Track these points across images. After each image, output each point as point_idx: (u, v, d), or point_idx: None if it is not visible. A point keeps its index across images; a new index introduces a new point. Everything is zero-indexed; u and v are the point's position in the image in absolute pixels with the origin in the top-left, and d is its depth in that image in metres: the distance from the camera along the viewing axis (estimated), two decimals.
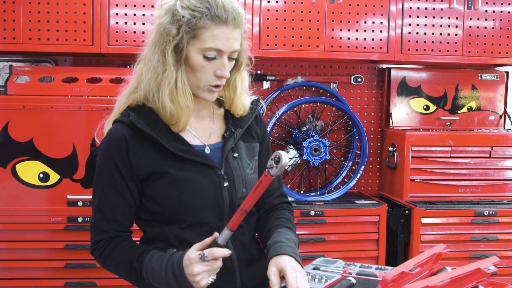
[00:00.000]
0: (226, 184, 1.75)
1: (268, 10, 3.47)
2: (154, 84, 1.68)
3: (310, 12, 3.50)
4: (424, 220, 3.44)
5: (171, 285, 1.59)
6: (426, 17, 3.64)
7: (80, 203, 3.07)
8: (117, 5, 3.32)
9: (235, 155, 1.80)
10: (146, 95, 1.72)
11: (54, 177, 3.05)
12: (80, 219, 3.08)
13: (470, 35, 3.69)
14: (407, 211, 3.48)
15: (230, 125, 1.84)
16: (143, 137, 1.69)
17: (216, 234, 1.59)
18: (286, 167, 1.43)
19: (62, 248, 3.08)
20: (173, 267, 1.58)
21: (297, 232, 3.22)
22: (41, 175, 3.04)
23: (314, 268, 1.84)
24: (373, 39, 3.59)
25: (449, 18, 3.67)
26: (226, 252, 1.55)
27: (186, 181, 1.69)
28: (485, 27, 3.70)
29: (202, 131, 1.81)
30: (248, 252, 1.81)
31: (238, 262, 1.77)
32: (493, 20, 3.72)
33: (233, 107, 1.84)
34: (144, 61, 1.74)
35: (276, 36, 3.49)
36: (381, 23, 3.60)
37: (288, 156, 1.44)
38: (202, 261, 1.53)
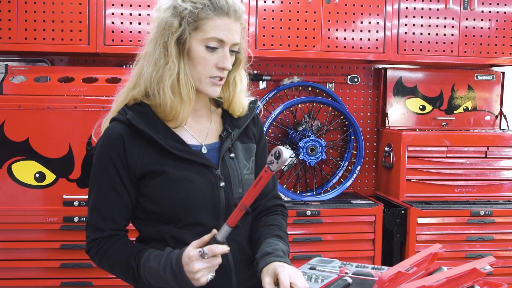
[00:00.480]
0: (222, 184, 1.75)
1: (265, 10, 3.47)
2: (156, 77, 1.69)
3: (306, 12, 3.49)
4: (420, 220, 3.43)
5: (169, 283, 1.59)
6: (422, 17, 3.65)
7: (76, 203, 3.06)
8: (113, 5, 3.31)
9: (232, 155, 1.80)
10: (146, 89, 1.73)
11: (50, 177, 3.05)
12: (76, 219, 3.06)
13: (466, 35, 3.69)
14: (403, 211, 3.47)
15: (228, 125, 1.84)
16: (140, 135, 1.70)
17: (214, 231, 1.59)
18: (286, 163, 1.45)
19: (58, 248, 3.07)
20: (172, 265, 1.57)
21: (293, 232, 3.25)
22: (37, 175, 3.03)
23: (310, 268, 1.83)
24: (369, 39, 3.59)
25: (445, 18, 3.67)
26: (225, 248, 1.55)
27: (182, 180, 1.68)
28: (481, 28, 3.71)
29: (199, 131, 1.81)
30: (244, 253, 1.81)
31: (234, 263, 1.77)
32: (489, 20, 3.72)
33: (232, 107, 1.84)
34: (144, 57, 1.75)
35: (272, 36, 3.49)
36: (377, 23, 3.60)
37: (288, 152, 1.45)
38: (202, 258, 1.53)
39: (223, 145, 1.79)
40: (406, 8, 3.62)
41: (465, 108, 4.03)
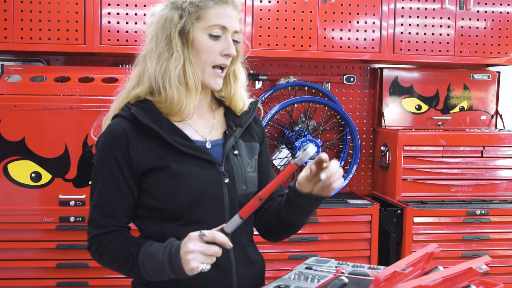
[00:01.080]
0: (226, 180, 1.74)
1: (261, 9, 3.46)
2: (161, 71, 1.70)
3: (302, 12, 3.49)
4: (416, 220, 3.43)
5: (164, 269, 1.56)
6: (418, 17, 3.65)
7: (72, 203, 3.03)
8: (109, 5, 3.31)
9: (236, 152, 1.81)
10: (151, 85, 1.73)
11: (46, 176, 3.04)
12: (72, 219, 3.03)
13: (462, 35, 3.70)
14: (399, 211, 3.47)
15: (231, 122, 1.84)
16: (144, 131, 1.69)
17: (225, 224, 1.57)
18: (308, 157, 1.54)
19: (54, 248, 3.05)
20: (171, 248, 1.55)
21: None
22: (33, 175, 3.02)
23: (306, 268, 1.81)
24: (365, 39, 3.59)
25: (441, 18, 3.67)
26: (227, 241, 1.52)
27: (186, 175, 1.68)
28: (477, 27, 3.71)
29: (203, 126, 1.81)
30: (246, 255, 1.81)
31: (236, 263, 1.76)
32: (485, 20, 3.72)
33: (234, 102, 1.85)
34: (144, 57, 1.76)
35: (268, 36, 3.48)
36: (374, 23, 3.60)
37: (314, 149, 1.50)
38: (200, 240, 1.51)
39: (228, 142, 1.79)
40: (402, 8, 3.62)
41: (461, 107, 4.03)
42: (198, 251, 1.50)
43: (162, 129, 1.69)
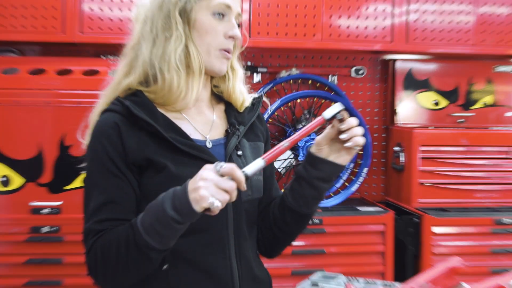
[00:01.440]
0: None
1: None
2: (158, 53, 1.63)
3: None
4: (435, 230, 3.32)
5: (165, 212, 1.39)
6: (434, 2, 3.56)
7: (45, 211, 2.93)
8: None
9: (239, 153, 1.73)
10: (146, 71, 1.65)
11: (16, 181, 2.94)
12: (45, 229, 2.93)
13: (483, 22, 3.60)
14: (416, 219, 3.36)
15: (234, 120, 1.78)
16: (139, 126, 1.59)
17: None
18: (335, 112, 1.56)
19: (24, 262, 2.92)
20: (175, 188, 1.42)
21: (293, 243, 3.10)
22: (3, 179, 2.93)
23: (312, 285, 1.82)
24: (375, 27, 3.50)
25: (460, 3, 3.58)
26: (243, 181, 1.40)
27: (185, 178, 1.50)
28: (498, 15, 3.61)
29: (202, 124, 1.74)
30: (251, 270, 1.72)
31: (240, 281, 1.65)
32: (510, 5, 3.61)
33: (234, 96, 1.79)
34: (137, 40, 1.69)
35: (268, 24, 3.40)
36: (384, 9, 3.50)
37: (342, 106, 1.57)
38: (216, 171, 1.39)
39: (230, 141, 1.72)
40: None
41: (484, 103, 3.95)
42: (212, 180, 1.37)
43: (159, 125, 1.60)
